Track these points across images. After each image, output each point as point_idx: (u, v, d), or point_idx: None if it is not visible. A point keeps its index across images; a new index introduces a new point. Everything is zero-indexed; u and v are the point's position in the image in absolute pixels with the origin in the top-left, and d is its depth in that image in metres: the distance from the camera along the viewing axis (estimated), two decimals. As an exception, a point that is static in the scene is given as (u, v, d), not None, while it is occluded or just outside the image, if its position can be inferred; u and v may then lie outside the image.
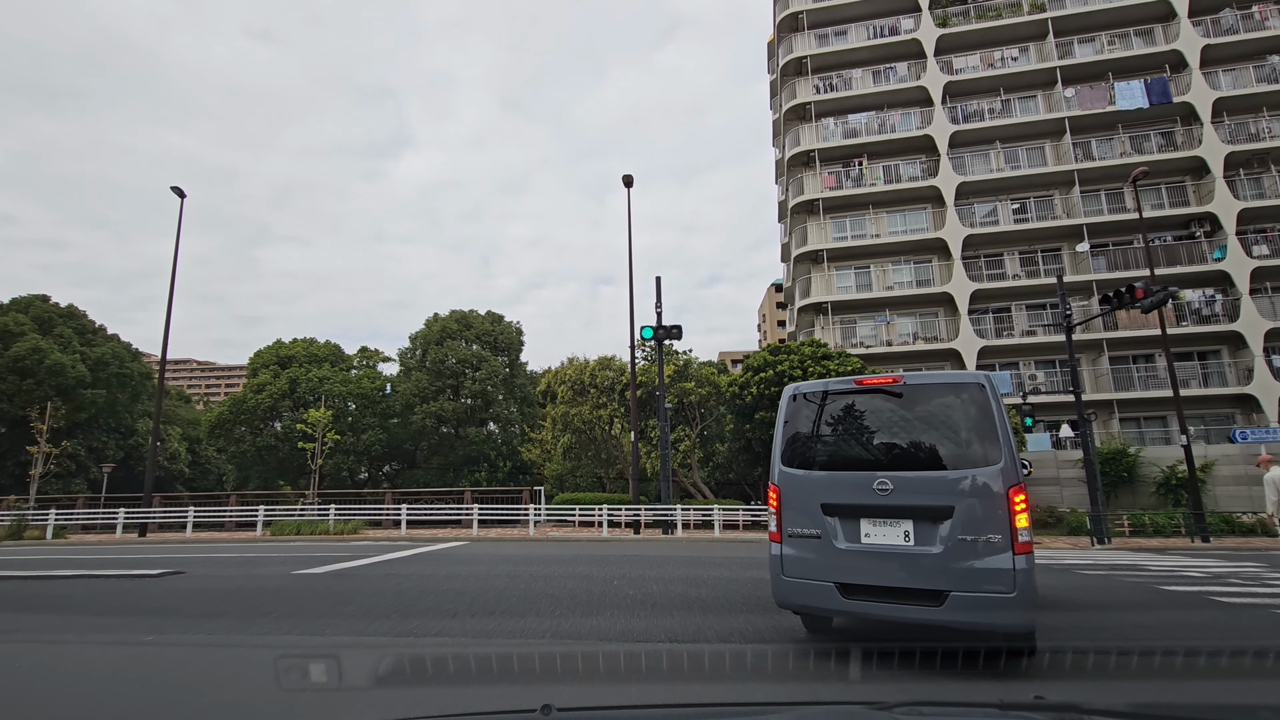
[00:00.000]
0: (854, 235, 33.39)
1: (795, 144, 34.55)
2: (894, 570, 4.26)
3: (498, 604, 6.54)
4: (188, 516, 18.89)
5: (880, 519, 4.40)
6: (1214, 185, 29.10)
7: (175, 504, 21.90)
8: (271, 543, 16.89)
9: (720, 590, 7.58)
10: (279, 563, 11.00)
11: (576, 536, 18.45)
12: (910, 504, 4.31)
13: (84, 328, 39.37)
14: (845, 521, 4.49)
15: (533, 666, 4.33)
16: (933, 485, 4.30)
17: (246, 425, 34.72)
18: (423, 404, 34.38)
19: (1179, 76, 30.88)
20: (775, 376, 20.28)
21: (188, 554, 13.64)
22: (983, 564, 4.04)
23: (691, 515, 19.66)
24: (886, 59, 34.77)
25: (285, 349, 36.39)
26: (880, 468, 4.48)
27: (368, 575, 8.85)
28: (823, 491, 4.63)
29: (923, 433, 4.51)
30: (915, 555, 4.21)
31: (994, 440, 4.25)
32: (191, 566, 10.67)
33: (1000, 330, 30.86)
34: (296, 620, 5.77)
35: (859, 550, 4.39)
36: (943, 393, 4.57)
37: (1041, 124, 31.81)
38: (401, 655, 4.65)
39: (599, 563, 10.59)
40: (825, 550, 4.49)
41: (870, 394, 4.76)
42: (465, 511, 18.85)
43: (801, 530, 4.64)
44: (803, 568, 4.57)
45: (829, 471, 4.72)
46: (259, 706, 3.53)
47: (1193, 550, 14.29)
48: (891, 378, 4.72)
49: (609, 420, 24.29)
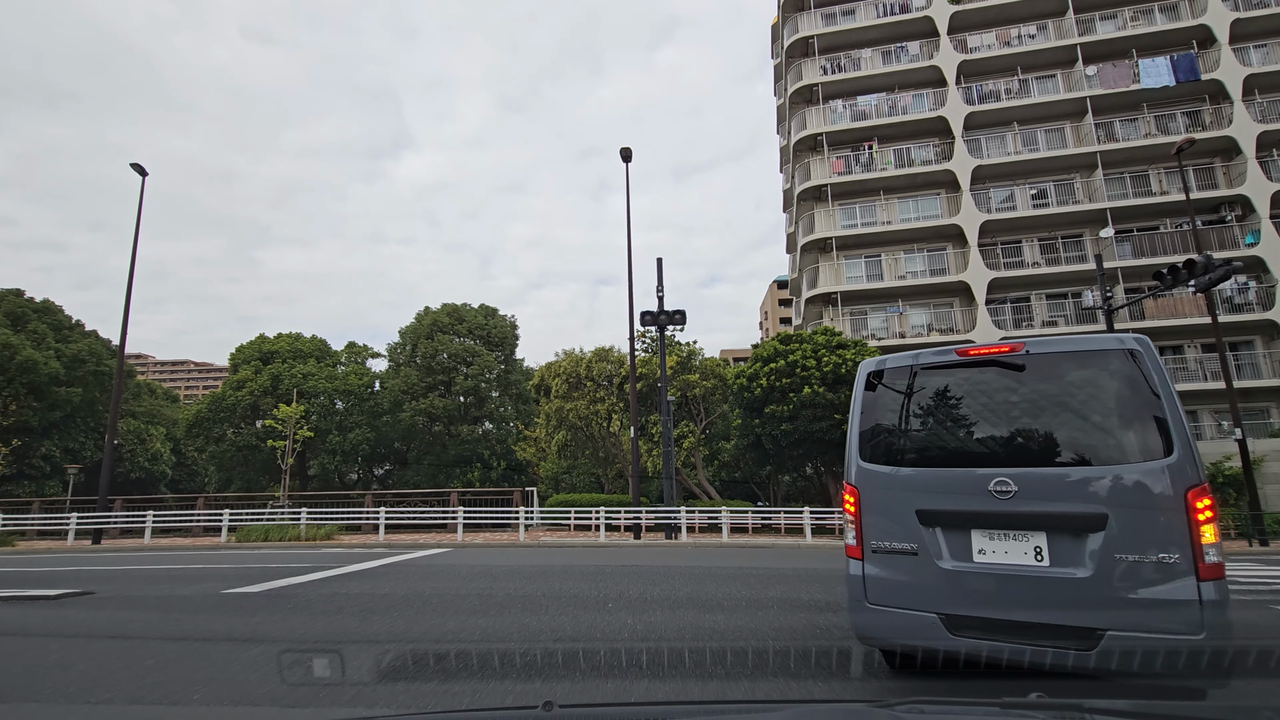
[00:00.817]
0: (864, 222, 31.80)
1: (802, 128, 32.97)
2: (1022, 599, 3.27)
3: (453, 642, 4.95)
4: (146, 522, 17.31)
5: (999, 531, 3.40)
6: (1246, 167, 27.53)
7: (138, 508, 20.29)
8: (232, 550, 15.31)
9: (742, 618, 5.98)
10: (218, 578, 9.40)
11: (571, 542, 16.86)
12: (1043, 511, 3.29)
13: (60, 324, 37.76)
14: (950, 533, 3.52)
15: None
16: (1074, 487, 3.29)
17: (228, 424, 33.08)
18: (412, 401, 32.76)
19: (1206, 53, 29.31)
20: (786, 367, 18.69)
21: (128, 565, 12.05)
22: (1153, 594, 3.05)
23: (697, 518, 18.07)
24: (897, 38, 33.19)
25: (268, 344, 34.77)
26: (996, 463, 3.47)
27: (307, 597, 7.25)
28: (918, 495, 3.64)
29: (1055, 417, 3.46)
30: (1053, 580, 3.23)
31: (1159, 426, 3.22)
32: (113, 583, 9.08)
33: (1019, 321, 29.27)
34: (119, 686, 4.11)
35: (971, 571, 3.42)
36: (1082, 363, 3.51)
37: (1061, 104, 30.23)
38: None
39: (593, 577, 9.00)
40: (924, 571, 3.53)
41: (979, 367, 3.72)
42: (450, 515, 17.27)
43: (890, 544, 3.66)
44: (894, 593, 3.60)
45: (925, 468, 3.71)
46: None
47: (1254, 555, 12.70)
48: (1009, 345, 3.66)
49: (607, 415, 22.68)
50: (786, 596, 7.14)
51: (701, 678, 4.01)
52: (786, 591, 7.54)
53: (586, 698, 3.62)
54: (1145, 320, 27.35)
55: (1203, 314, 27.81)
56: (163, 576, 9.91)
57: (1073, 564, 3.21)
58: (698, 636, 5.14)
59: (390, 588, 7.98)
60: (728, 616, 6.02)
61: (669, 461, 17.96)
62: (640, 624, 5.63)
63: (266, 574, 9.72)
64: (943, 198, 31.24)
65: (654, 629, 5.42)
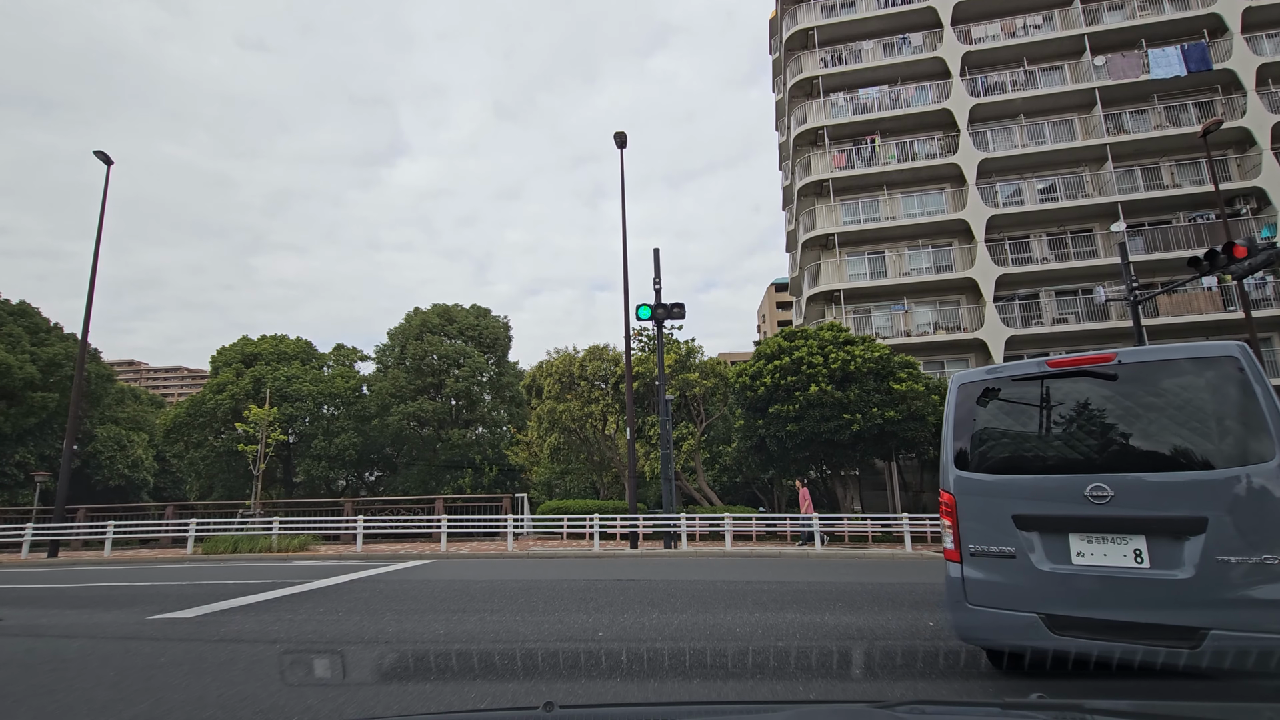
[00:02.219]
0: (866, 218, 30.85)
1: (802, 121, 32.05)
2: (1122, 600, 3.39)
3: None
4: (106, 533, 16.11)
5: (1097, 534, 3.53)
6: (1260, 158, 26.68)
7: (103, 517, 19.07)
8: (195, 564, 14.13)
9: (763, 651, 4.87)
10: (155, 599, 8.26)
11: (563, 552, 15.72)
12: (1141, 515, 3.43)
13: (36, 326, 36.45)
14: (1047, 537, 3.66)
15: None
16: (1173, 491, 3.40)
17: (208, 429, 31.80)
18: (400, 404, 31.54)
19: (1218, 42, 28.54)
20: (792, 364, 17.62)
21: (69, 582, 10.88)
22: (1257, 593, 3.13)
23: (697, 525, 16.96)
24: (899, 29, 32.34)
25: (251, 346, 33.54)
26: (1092, 469, 3.58)
27: (236, 628, 6.12)
28: (1014, 500, 3.75)
29: (1152, 424, 3.57)
30: (1153, 581, 3.34)
31: (1262, 430, 3.28)
32: (31, 606, 7.93)
33: (1028, 319, 28.30)
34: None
35: (1070, 573, 3.54)
36: (1179, 371, 3.60)
37: (1069, 96, 29.37)
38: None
39: (583, 598, 7.90)
40: (1023, 573, 3.65)
41: (1070, 378, 3.85)
42: (434, 524, 16.12)
43: (988, 548, 3.79)
44: (994, 594, 3.72)
45: (1020, 475, 3.80)
46: None
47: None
48: (1101, 356, 3.80)
49: (602, 417, 21.54)
50: (808, 622, 6.04)
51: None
52: (807, 616, 6.45)
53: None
54: (1159, 317, 26.41)
55: (1219, 310, 26.95)
56: (97, 597, 8.76)
57: (1173, 565, 3.28)
58: (709, 686, 4.04)
59: (343, 615, 6.85)
60: (740, 646, 4.92)
61: (668, 464, 16.87)
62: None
63: (214, 593, 8.59)
64: (947, 192, 30.33)
65: (659, 690, 4.32)
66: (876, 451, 18.93)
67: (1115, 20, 29.81)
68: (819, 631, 5.57)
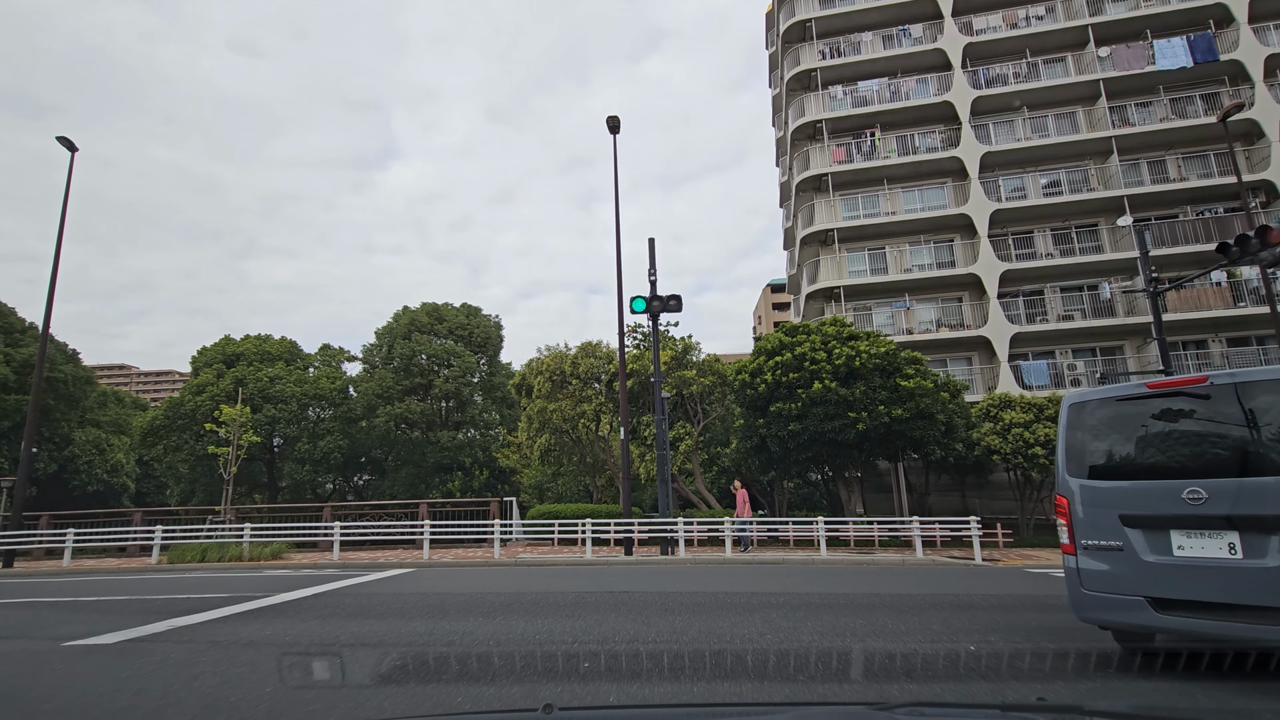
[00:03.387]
0: (866, 214, 30.11)
1: (800, 115, 31.30)
2: (1218, 585, 3.87)
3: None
4: (66, 541, 15.10)
5: (1195, 530, 4.01)
6: (1269, 151, 26.09)
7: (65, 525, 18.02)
8: (157, 575, 13.16)
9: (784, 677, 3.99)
10: (91, 618, 7.32)
11: (553, 559, 14.82)
12: (1234, 513, 3.86)
13: (10, 326, 35.28)
14: (1150, 533, 4.17)
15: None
16: (1262, 492, 3.80)
17: (187, 431, 30.70)
18: (387, 405, 30.53)
19: (1224, 33, 27.96)
20: (794, 360, 16.79)
21: (5, 597, 9.91)
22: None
23: (695, 530, 16.08)
24: (899, 21, 31.66)
25: (233, 346, 32.46)
26: (1188, 475, 4.08)
27: (160, 655, 5.21)
28: (1120, 501, 4.31)
29: (1240, 435, 3.99)
30: (1246, 569, 3.79)
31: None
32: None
33: (1032, 315, 27.59)
34: None
35: (1171, 563, 4.04)
36: (1263, 391, 4.00)
37: (1073, 88, 28.73)
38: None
39: (571, 613, 7.01)
40: (1131, 562, 4.19)
41: (1167, 397, 4.32)
42: (416, 530, 15.19)
43: (1100, 542, 4.35)
44: (1106, 581, 4.29)
45: (1125, 481, 4.36)
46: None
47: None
48: (1194, 378, 4.24)
49: (595, 417, 20.64)
50: (828, 645, 5.17)
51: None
52: (827, 633, 5.57)
53: None
54: (1167, 313, 25.66)
55: (1228, 305, 26.31)
56: (17, 618, 7.80)
57: (1264, 555, 3.75)
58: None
59: (297, 633, 5.93)
60: (756, 685, 4.04)
61: (664, 466, 15.99)
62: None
63: (159, 610, 7.66)
64: (949, 187, 29.63)
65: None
66: (882, 451, 18.12)
67: (1119, 11, 29.22)
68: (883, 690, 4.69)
